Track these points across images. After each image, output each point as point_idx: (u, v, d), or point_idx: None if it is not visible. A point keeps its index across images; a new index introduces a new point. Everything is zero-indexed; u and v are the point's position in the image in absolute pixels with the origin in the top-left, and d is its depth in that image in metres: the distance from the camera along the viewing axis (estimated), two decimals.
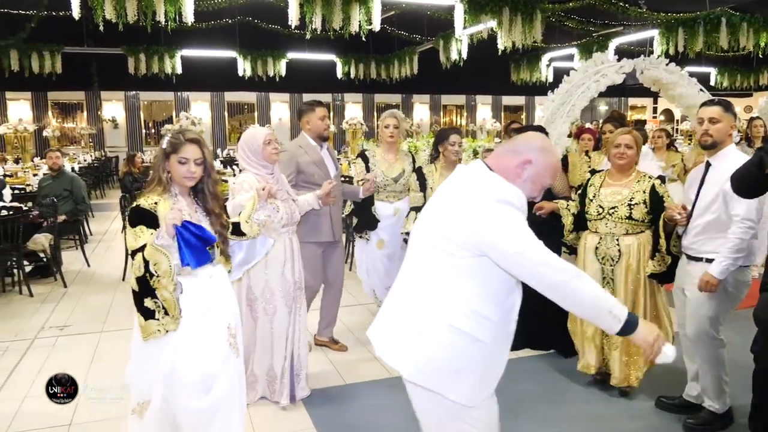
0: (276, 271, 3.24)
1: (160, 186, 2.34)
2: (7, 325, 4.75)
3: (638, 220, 3.22)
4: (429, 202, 2.02)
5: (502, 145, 2.03)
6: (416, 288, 1.91)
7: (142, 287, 2.24)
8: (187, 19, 8.85)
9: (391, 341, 1.93)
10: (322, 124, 3.83)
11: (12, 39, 13.10)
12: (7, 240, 5.45)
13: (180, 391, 2.30)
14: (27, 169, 10.02)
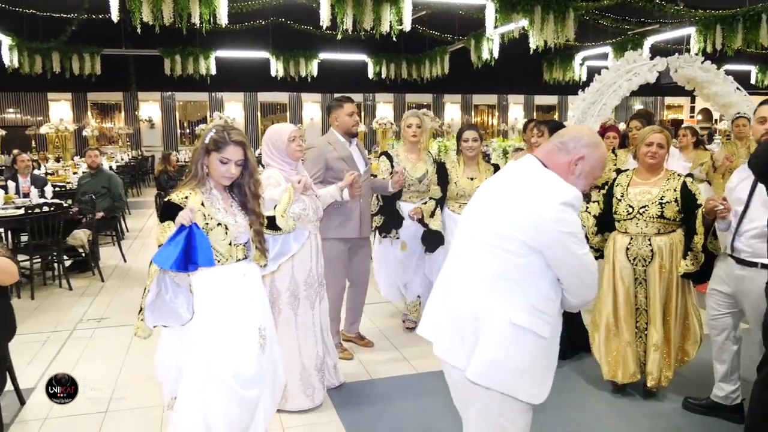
0: (303, 264, 3.22)
1: (195, 180, 2.30)
2: (47, 316, 4.94)
3: (670, 219, 3.17)
4: (478, 199, 1.99)
5: (551, 140, 1.96)
6: (473, 286, 1.88)
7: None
8: (221, 21, 9.03)
9: (451, 341, 1.91)
10: (350, 120, 3.79)
11: (54, 42, 13.53)
12: (48, 235, 5.65)
13: (214, 395, 2.25)
14: (67, 168, 10.34)
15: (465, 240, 1.96)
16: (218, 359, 2.25)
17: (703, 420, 3.16)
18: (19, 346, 3.67)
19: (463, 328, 1.87)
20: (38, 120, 16.79)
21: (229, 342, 2.28)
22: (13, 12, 12.15)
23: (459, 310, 1.89)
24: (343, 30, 9.66)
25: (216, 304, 2.26)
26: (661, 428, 3.13)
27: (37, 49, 13.51)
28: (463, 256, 1.95)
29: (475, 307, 1.86)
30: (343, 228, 3.77)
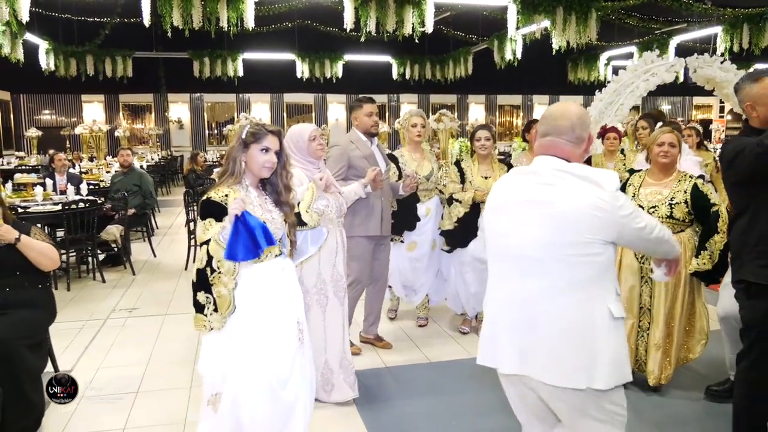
0: (329, 262, 3.25)
1: (233, 177, 2.35)
2: (82, 306, 5.21)
3: (679, 219, 3.22)
4: (514, 219, 1.89)
5: (549, 134, 1.91)
6: (560, 302, 1.81)
7: (199, 280, 2.27)
8: (248, 24, 9.31)
9: (561, 364, 1.82)
10: (369, 120, 3.84)
11: (88, 45, 13.99)
12: (83, 230, 5.93)
13: (255, 390, 2.30)
14: (101, 167, 10.72)
15: (522, 263, 1.86)
16: (260, 358, 2.31)
17: (707, 406, 3.26)
18: (57, 333, 3.91)
19: (571, 346, 1.81)
20: (72, 121, 17.33)
21: (271, 339, 2.34)
22: (50, 17, 12.60)
23: (557, 331, 1.82)
24: (366, 32, 9.85)
25: (258, 300, 2.33)
26: (659, 416, 3.22)
27: (72, 53, 13.98)
28: (528, 277, 1.85)
29: (574, 319, 1.81)
30: (366, 225, 3.81)
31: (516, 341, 1.88)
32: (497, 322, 1.95)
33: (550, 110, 1.96)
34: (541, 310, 1.83)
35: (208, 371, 2.37)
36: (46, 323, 3.22)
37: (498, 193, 1.98)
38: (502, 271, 1.95)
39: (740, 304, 2.55)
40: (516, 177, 1.95)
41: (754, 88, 2.43)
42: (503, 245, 1.92)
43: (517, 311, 1.88)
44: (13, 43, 10.70)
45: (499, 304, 1.95)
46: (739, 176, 2.44)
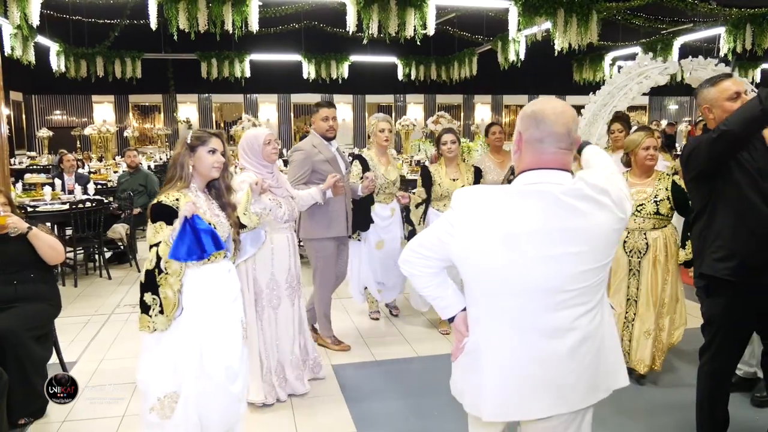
0: (282, 263, 3.34)
1: (181, 181, 2.42)
2: (88, 302, 5.41)
3: (663, 215, 3.47)
4: (523, 250, 1.60)
5: (556, 146, 1.65)
6: (593, 325, 1.68)
7: (147, 281, 2.31)
8: (252, 27, 9.47)
9: (597, 382, 1.73)
10: (324, 125, 3.91)
11: (98, 47, 14.23)
12: (90, 229, 6.13)
13: (206, 387, 2.38)
14: (108, 167, 10.94)
15: (549, 297, 1.63)
16: (212, 355, 2.39)
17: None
18: (63, 327, 4.10)
19: (606, 360, 1.74)
20: (83, 121, 17.59)
21: (221, 336, 2.43)
22: (61, 19, 12.84)
23: (595, 353, 1.70)
24: (368, 35, 9.99)
25: (207, 300, 2.40)
26: (652, 405, 3.36)
27: (83, 54, 14.21)
28: (557, 311, 1.64)
29: (604, 335, 1.73)
30: (331, 228, 3.93)
31: (548, 381, 1.67)
32: (514, 367, 1.67)
33: (547, 114, 1.65)
34: (578, 341, 1.66)
35: (148, 375, 2.37)
36: (52, 316, 3.41)
37: (503, 220, 1.61)
38: (511, 309, 1.65)
39: (700, 301, 2.68)
40: (526, 200, 1.62)
41: (711, 91, 2.54)
42: (519, 279, 1.62)
43: (549, 348, 1.65)
44: (24, 46, 10.94)
45: (513, 346, 1.67)
46: (695, 170, 2.55)
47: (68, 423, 3.18)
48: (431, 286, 1.82)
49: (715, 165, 2.46)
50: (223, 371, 2.42)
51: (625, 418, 3.21)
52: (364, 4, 9.48)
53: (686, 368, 3.79)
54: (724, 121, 2.40)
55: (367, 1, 9.50)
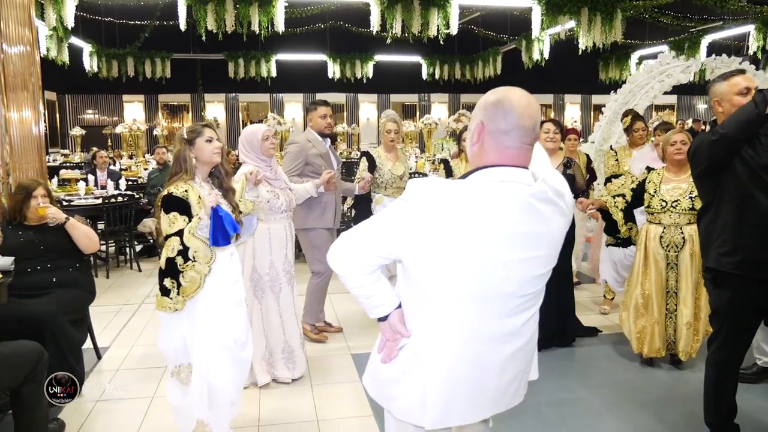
0: (280, 252, 3.51)
1: (186, 174, 2.58)
2: (120, 292, 5.63)
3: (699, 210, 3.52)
4: (492, 254, 1.47)
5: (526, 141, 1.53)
6: (532, 328, 1.65)
7: (168, 267, 2.50)
8: (278, 27, 9.67)
9: (525, 381, 1.74)
10: (323, 122, 4.12)
11: (129, 48, 14.60)
12: (121, 223, 6.36)
13: (218, 355, 2.58)
14: (139, 164, 11.24)
15: (511, 301, 1.55)
16: (220, 329, 2.59)
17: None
18: (96, 315, 4.28)
19: (532, 359, 1.74)
20: (114, 120, 18.01)
21: (228, 312, 2.64)
22: (94, 20, 13.21)
23: (528, 354, 1.69)
24: (392, 34, 10.12)
25: (215, 282, 2.58)
26: (683, 389, 3.47)
27: (114, 55, 14.61)
28: (514, 314, 1.57)
29: (533, 335, 1.68)
30: (322, 218, 4.13)
31: (497, 384, 1.63)
32: (464, 372, 1.57)
33: (513, 104, 1.51)
34: (520, 345, 1.61)
35: (168, 347, 2.62)
36: (87, 302, 3.61)
37: (470, 220, 1.45)
38: (469, 313, 1.53)
39: (708, 292, 2.75)
40: (495, 200, 1.47)
41: (723, 85, 2.61)
42: (480, 282, 1.50)
43: (500, 352, 1.58)
44: (59, 47, 11.31)
45: (461, 351, 1.56)
46: (699, 167, 2.63)
47: (102, 402, 3.36)
48: (366, 284, 1.62)
49: (716, 165, 2.54)
50: (233, 340, 2.64)
51: (661, 403, 3.31)
52: (388, 4, 9.62)
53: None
54: (722, 124, 2.48)
55: (390, 1, 9.63)
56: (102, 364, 3.91)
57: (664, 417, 3.17)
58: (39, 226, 3.53)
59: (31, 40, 4.73)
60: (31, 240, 3.46)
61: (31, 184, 3.61)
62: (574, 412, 3.25)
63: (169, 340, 2.61)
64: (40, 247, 3.45)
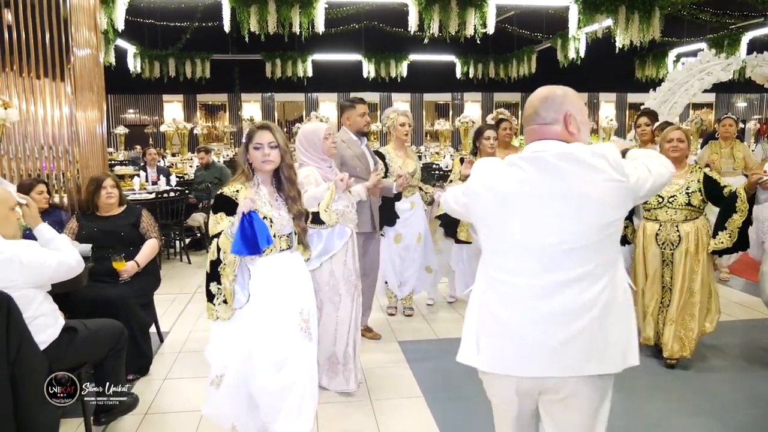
0: (339, 260, 3.31)
1: (243, 176, 2.49)
2: (172, 282, 5.93)
3: (695, 206, 3.57)
4: (516, 213, 1.75)
5: (533, 124, 1.86)
6: (593, 289, 1.71)
7: (212, 271, 2.38)
8: (318, 28, 9.91)
9: (597, 351, 1.72)
10: (362, 120, 3.96)
11: (171, 49, 15.03)
12: (171, 217, 6.66)
13: (254, 371, 2.46)
14: (185, 161, 11.62)
15: (545, 257, 1.72)
16: (260, 341, 2.45)
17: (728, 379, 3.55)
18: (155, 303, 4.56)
19: (609, 330, 1.73)
20: (154, 119, 18.53)
21: (272, 325, 2.46)
22: (137, 23, 13.63)
23: (595, 318, 1.71)
24: (429, 34, 10.27)
25: (261, 292, 2.44)
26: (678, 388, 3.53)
27: (156, 56, 15.06)
28: (553, 271, 1.71)
29: (607, 301, 1.72)
30: (359, 222, 3.70)
31: (544, 340, 1.72)
32: (508, 322, 1.76)
33: (529, 100, 1.91)
34: (575, 302, 1.70)
35: (213, 356, 2.53)
36: (153, 287, 3.90)
37: (495, 185, 1.79)
38: (515, 265, 1.76)
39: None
40: (513, 167, 1.77)
41: None
42: (520, 238, 1.75)
43: (544, 306, 1.72)
44: (106, 49, 11.74)
45: (513, 301, 1.76)
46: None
47: (168, 381, 3.62)
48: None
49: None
50: (271, 357, 2.47)
51: (645, 397, 3.38)
52: (426, 4, 9.76)
53: (716, 358, 3.90)
54: None
55: (428, 1, 9.78)
56: (165, 347, 4.19)
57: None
58: (110, 217, 3.81)
59: (96, 43, 5.05)
60: (104, 230, 3.73)
61: (101, 176, 3.90)
62: None
63: (214, 349, 2.54)
64: (112, 236, 3.72)
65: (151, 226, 3.93)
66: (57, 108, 4.54)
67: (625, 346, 1.77)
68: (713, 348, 4.03)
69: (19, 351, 2.38)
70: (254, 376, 2.47)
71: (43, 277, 2.55)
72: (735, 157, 5.74)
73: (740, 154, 5.75)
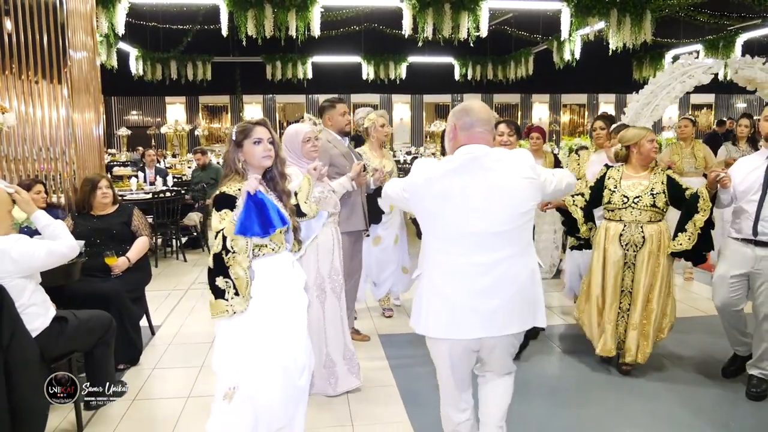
0: (326, 258, 3.33)
1: (238, 175, 2.40)
2: (168, 279, 6.12)
3: (659, 208, 3.55)
4: (457, 202, 2.16)
5: (482, 128, 2.27)
6: (515, 264, 2.20)
7: (216, 265, 2.27)
8: (314, 31, 10.09)
9: (522, 314, 2.24)
10: (343, 120, 3.93)
11: (172, 51, 15.25)
12: (168, 216, 6.85)
13: (269, 378, 2.34)
14: (183, 162, 11.82)
15: (485, 239, 2.16)
16: (278, 346, 2.35)
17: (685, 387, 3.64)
18: (149, 298, 4.67)
19: (525, 299, 2.24)
20: (156, 121, 18.76)
21: (288, 328, 2.40)
22: (139, 25, 13.84)
23: (517, 290, 2.21)
24: (423, 37, 10.43)
25: (273, 291, 2.38)
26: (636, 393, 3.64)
27: (158, 58, 15.27)
28: (490, 251, 2.17)
29: (525, 276, 2.23)
30: (349, 221, 3.86)
31: (481, 308, 2.18)
32: (450, 296, 2.20)
33: (473, 107, 2.27)
34: (504, 276, 2.18)
35: (224, 366, 2.36)
36: (144, 282, 4.08)
37: (436, 180, 2.18)
38: (453, 248, 2.19)
39: None
40: (457, 164, 2.17)
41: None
42: (456, 225, 2.17)
43: (480, 281, 2.17)
44: (108, 52, 11.95)
45: (453, 278, 2.20)
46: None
47: (157, 370, 3.81)
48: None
49: None
50: (292, 364, 2.40)
51: (599, 403, 3.38)
52: (420, 7, 9.93)
53: (670, 363, 3.87)
54: None
55: (422, 4, 9.95)
56: (156, 339, 4.37)
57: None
58: (103, 216, 4.00)
59: (93, 46, 5.23)
60: (97, 228, 3.92)
61: (96, 177, 4.09)
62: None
63: (223, 359, 2.37)
64: (105, 234, 3.91)
65: (142, 224, 4.12)
66: (54, 110, 4.72)
67: (535, 311, 2.30)
68: (670, 355, 4.03)
69: (12, 337, 2.56)
70: (272, 384, 2.35)
71: (33, 266, 2.72)
72: (696, 157, 5.87)
73: (701, 153, 5.90)
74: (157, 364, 3.89)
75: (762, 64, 6.75)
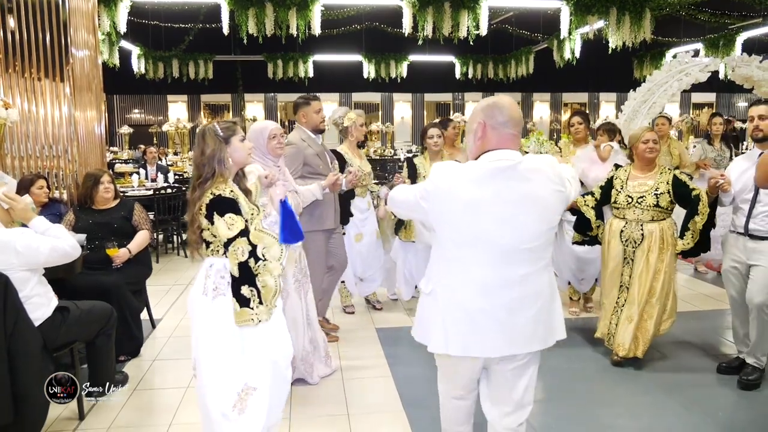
0: (290, 257, 3.29)
1: (222, 177, 2.33)
2: (168, 275, 6.19)
3: (663, 207, 3.61)
4: (488, 213, 1.93)
5: (514, 130, 2.02)
6: (541, 281, 2.03)
7: (242, 273, 2.21)
8: (315, 30, 10.14)
9: (539, 331, 2.05)
10: (318, 117, 3.84)
11: (174, 50, 15.32)
12: (169, 213, 6.92)
13: (273, 375, 2.37)
14: (184, 159, 11.89)
15: (512, 253, 1.96)
16: (276, 342, 2.38)
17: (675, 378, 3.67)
18: (149, 293, 4.75)
19: (548, 314, 2.07)
20: (159, 119, 18.81)
21: (281, 322, 2.44)
22: (141, 24, 13.91)
23: (540, 305, 2.03)
24: (423, 36, 10.48)
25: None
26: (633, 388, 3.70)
27: (160, 57, 15.33)
28: (516, 265, 1.97)
29: (546, 292, 2.05)
30: (321, 220, 3.86)
31: (506, 324, 1.99)
32: (474, 311, 1.98)
33: (505, 104, 2.00)
34: (529, 292, 1.99)
35: (231, 369, 2.30)
36: (145, 275, 4.16)
37: (465, 188, 1.94)
38: (478, 259, 1.97)
39: None
40: (488, 172, 1.94)
41: None
42: (485, 238, 1.94)
43: (505, 295, 1.97)
44: (110, 50, 12.03)
45: (476, 292, 1.98)
46: None
47: (158, 362, 3.88)
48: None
49: None
50: (283, 356, 2.42)
51: (592, 394, 3.43)
52: (420, 6, 9.98)
53: (668, 359, 3.91)
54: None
55: (422, 3, 10.00)
56: (156, 332, 4.44)
57: None
58: (105, 210, 4.06)
59: (94, 44, 5.29)
60: (99, 222, 3.99)
61: (98, 172, 4.16)
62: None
63: (235, 358, 2.31)
64: (106, 228, 3.98)
65: (142, 218, 4.18)
66: (57, 108, 4.78)
67: (555, 326, 2.12)
68: (666, 345, 4.08)
69: (16, 326, 2.63)
70: (275, 380, 2.35)
71: (37, 260, 2.78)
72: (672, 154, 6.02)
73: (676, 151, 6.07)
74: (158, 356, 3.96)
75: (758, 62, 6.83)
